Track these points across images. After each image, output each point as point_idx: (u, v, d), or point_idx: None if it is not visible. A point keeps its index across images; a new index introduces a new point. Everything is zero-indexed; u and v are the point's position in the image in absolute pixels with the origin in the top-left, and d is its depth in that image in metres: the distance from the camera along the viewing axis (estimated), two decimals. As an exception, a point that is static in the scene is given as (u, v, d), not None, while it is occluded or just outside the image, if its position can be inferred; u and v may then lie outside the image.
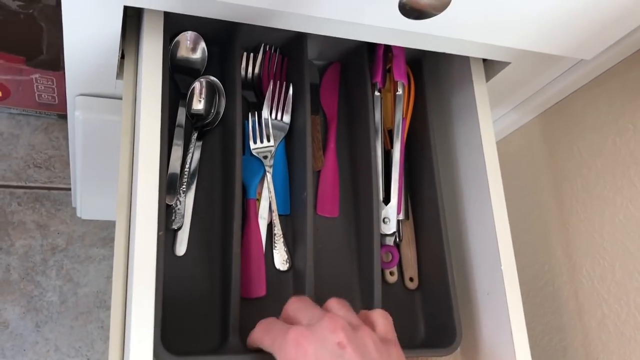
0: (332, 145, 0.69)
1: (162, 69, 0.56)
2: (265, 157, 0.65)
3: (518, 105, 0.78)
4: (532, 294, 0.78)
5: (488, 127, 0.66)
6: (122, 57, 0.62)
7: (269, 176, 0.64)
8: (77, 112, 0.67)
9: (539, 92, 0.74)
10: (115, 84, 0.66)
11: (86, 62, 0.61)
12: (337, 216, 0.67)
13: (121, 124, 0.59)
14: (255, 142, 0.65)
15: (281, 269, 0.63)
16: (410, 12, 0.46)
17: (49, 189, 1.20)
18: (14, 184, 1.18)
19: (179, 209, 0.60)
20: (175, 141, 0.61)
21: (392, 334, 0.49)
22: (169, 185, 0.60)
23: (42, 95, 1.16)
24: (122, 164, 0.57)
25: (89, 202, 0.97)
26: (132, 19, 0.62)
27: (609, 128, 0.68)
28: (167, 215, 0.59)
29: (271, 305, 0.60)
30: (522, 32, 0.57)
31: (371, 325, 0.48)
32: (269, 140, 0.65)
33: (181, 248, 0.59)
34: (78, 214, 1.09)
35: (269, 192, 0.64)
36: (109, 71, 0.63)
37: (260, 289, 0.61)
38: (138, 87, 0.57)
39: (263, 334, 0.48)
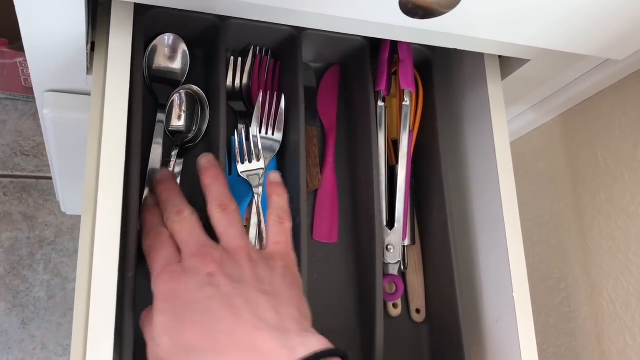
0: (330, 160, 0.62)
1: (132, 66, 0.49)
2: (254, 180, 0.58)
3: (537, 104, 0.71)
4: (545, 312, 0.72)
5: (502, 131, 0.58)
6: (94, 49, 0.56)
7: (257, 199, 0.57)
8: (46, 110, 0.61)
9: (560, 91, 0.67)
10: (87, 79, 0.59)
11: (50, 56, 0.54)
12: (335, 242, 0.60)
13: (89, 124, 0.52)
14: (242, 163, 0.58)
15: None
16: (414, 10, 0.39)
17: (37, 178, 1.14)
18: (0, 172, 1.13)
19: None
20: (152, 160, 0.54)
21: (282, 238, 0.49)
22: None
23: (29, 80, 1.09)
24: (88, 168, 0.51)
25: (71, 198, 0.91)
26: (104, 7, 0.54)
27: (638, 135, 0.60)
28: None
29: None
30: (546, 30, 0.49)
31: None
32: (258, 161, 0.58)
33: None
34: (62, 209, 1.04)
35: (258, 218, 0.56)
36: (78, 65, 0.56)
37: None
38: (105, 85, 0.50)
39: (147, 256, 0.46)
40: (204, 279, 0.42)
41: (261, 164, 0.57)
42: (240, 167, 0.57)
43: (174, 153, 0.56)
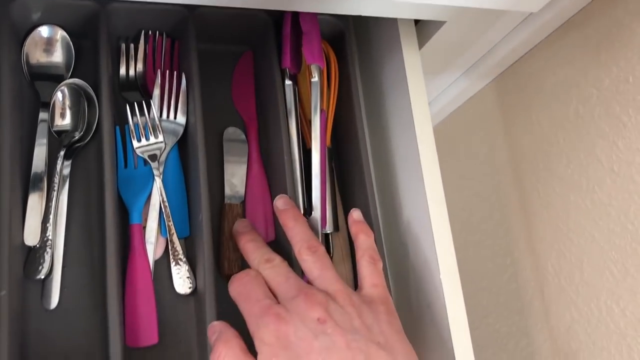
0: (255, 155, 0.57)
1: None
2: (154, 158, 0.53)
3: (468, 69, 0.66)
4: (495, 291, 0.68)
5: (420, 102, 0.54)
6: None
7: (159, 182, 0.52)
8: None
9: (488, 54, 0.62)
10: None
11: None
12: (274, 239, 0.55)
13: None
14: (139, 141, 0.53)
15: (182, 292, 0.52)
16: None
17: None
18: None
19: (45, 252, 0.48)
20: (36, 164, 0.50)
21: (379, 281, 0.47)
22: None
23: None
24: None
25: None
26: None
27: (570, 94, 0.56)
28: (29, 261, 0.48)
29: (166, 353, 0.50)
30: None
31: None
32: (156, 137, 0.53)
33: (52, 300, 0.48)
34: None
35: (162, 202, 0.52)
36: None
37: (150, 336, 0.49)
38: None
39: (239, 300, 0.45)
40: (316, 326, 0.41)
41: (160, 139, 0.53)
42: (137, 145, 0.52)
43: (61, 154, 0.51)
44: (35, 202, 0.49)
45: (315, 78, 0.55)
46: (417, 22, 0.57)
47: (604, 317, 0.52)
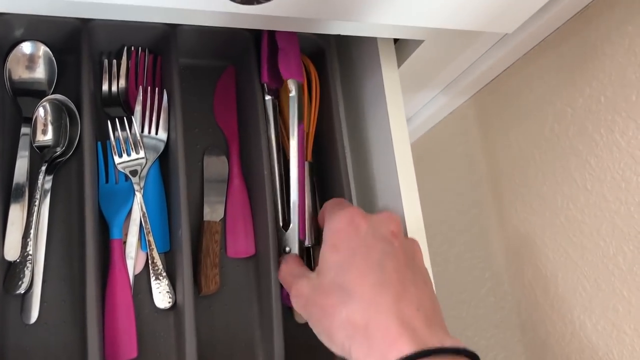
0: (236, 170, 0.58)
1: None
2: (135, 174, 0.53)
3: (446, 87, 0.67)
4: (474, 304, 0.68)
5: (398, 119, 0.55)
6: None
7: (139, 197, 0.53)
8: None
9: (466, 72, 0.63)
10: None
11: None
12: (254, 254, 0.56)
13: None
14: (120, 156, 0.54)
15: (162, 307, 0.52)
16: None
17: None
18: None
19: (25, 267, 0.49)
20: (17, 178, 0.50)
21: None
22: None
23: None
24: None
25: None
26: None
27: (546, 112, 0.57)
28: (9, 276, 0.48)
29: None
30: (427, 10, 0.46)
31: None
32: (137, 153, 0.54)
33: (32, 314, 0.49)
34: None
35: (142, 217, 0.52)
36: None
37: (129, 350, 0.50)
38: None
39: (325, 210, 0.49)
40: (388, 235, 0.44)
41: (141, 154, 0.53)
42: (118, 160, 0.53)
43: (42, 169, 0.51)
44: (16, 217, 0.49)
45: (293, 93, 0.55)
46: (396, 40, 0.58)
47: (577, 332, 0.53)
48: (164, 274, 0.52)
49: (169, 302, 0.52)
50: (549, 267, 0.57)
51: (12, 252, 0.48)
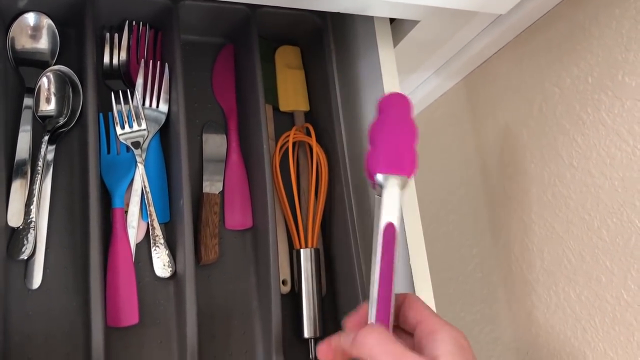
0: (234, 145, 0.59)
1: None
2: (137, 145, 0.55)
3: (439, 68, 0.69)
4: (461, 280, 0.71)
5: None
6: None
7: (141, 168, 0.54)
8: None
9: (459, 54, 0.65)
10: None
11: None
12: (251, 227, 0.58)
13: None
14: (122, 128, 0.55)
15: (162, 275, 0.54)
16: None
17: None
18: None
19: (28, 233, 0.49)
20: (20, 148, 0.51)
21: None
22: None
23: None
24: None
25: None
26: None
27: (534, 92, 0.59)
28: (12, 242, 0.49)
29: (146, 332, 0.52)
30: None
31: None
32: (139, 125, 0.55)
33: (34, 280, 0.50)
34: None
35: (144, 188, 0.53)
36: None
37: (131, 317, 0.51)
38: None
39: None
40: None
41: (143, 126, 0.54)
42: (120, 132, 0.54)
43: (45, 139, 0.52)
44: (19, 185, 0.50)
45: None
46: (392, 21, 0.60)
47: (562, 302, 0.55)
48: (164, 243, 0.54)
49: (169, 271, 0.53)
50: (535, 242, 0.59)
51: (15, 219, 0.49)
